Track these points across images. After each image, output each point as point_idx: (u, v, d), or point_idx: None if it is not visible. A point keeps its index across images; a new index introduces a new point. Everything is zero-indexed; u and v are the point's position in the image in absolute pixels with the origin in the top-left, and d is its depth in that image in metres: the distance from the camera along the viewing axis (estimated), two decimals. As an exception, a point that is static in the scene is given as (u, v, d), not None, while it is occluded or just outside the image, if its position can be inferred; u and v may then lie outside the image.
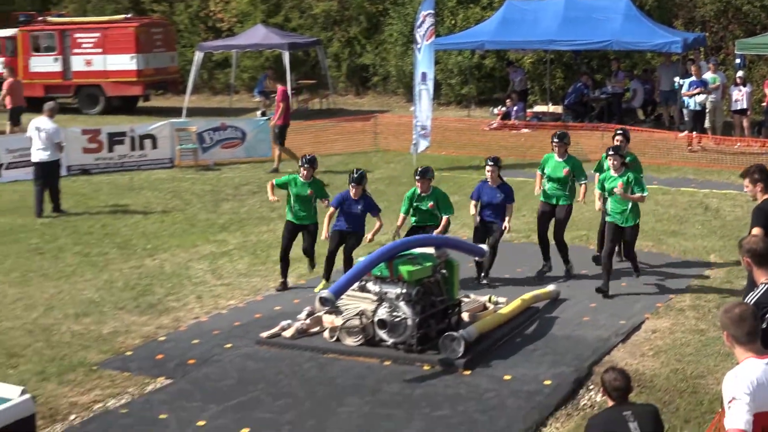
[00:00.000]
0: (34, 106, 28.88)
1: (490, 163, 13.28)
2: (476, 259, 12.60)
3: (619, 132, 13.90)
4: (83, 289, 13.30)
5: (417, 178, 12.88)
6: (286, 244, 13.09)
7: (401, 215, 13.09)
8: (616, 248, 13.44)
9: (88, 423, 9.04)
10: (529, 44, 28.61)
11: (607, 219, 12.80)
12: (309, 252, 13.21)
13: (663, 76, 27.51)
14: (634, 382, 7.55)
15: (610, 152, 12.74)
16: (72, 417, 9.17)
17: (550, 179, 13.40)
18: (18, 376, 9.99)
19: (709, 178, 20.52)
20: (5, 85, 26.60)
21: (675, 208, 17.60)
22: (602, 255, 12.88)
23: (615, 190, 12.40)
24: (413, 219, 13.12)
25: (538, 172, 13.75)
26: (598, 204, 13.16)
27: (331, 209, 12.88)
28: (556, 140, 13.37)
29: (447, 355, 10.22)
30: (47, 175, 18.11)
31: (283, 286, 13.06)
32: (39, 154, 18.11)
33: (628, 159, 13.22)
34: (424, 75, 22.14)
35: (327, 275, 12.85)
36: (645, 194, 12.67)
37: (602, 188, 12.83)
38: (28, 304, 12.62)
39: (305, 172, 13.09)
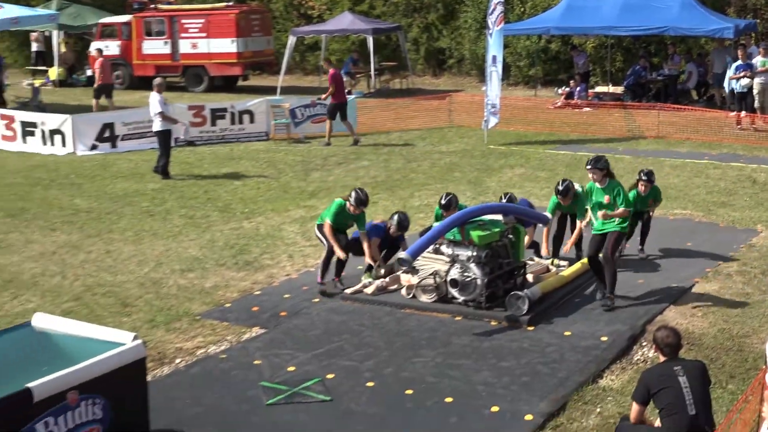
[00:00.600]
0: (147, 84, 29.31)
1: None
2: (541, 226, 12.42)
3: (643, 178, 12.05)
4: (188, 247, 13.48)
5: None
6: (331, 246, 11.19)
7: None
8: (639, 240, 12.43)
9: (192, 366, 9.19)
10: (592, 30, 28.21)
11: (592, 231, 10.88)
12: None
13: (716, 59, 26.90)
14: (684, 340, 7.46)
15: (588, 166, 10.57)
16: (178, 360, 9.34)
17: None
18: (131, 323, 10.22)
19: (758, 154, 20.04)
20: (97, 64, 26.90)
21: (725, 181, 17.23)
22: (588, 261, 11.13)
23: (599, 214, 10.55)
24: None
25: (546, 229, 12.15)
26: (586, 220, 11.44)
27: (377, 240, 11.45)
28: (560, 196, 11.73)
29: (512, 312, 10.18)
30: (159, 142, 18.52)
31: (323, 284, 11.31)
32: (153, 124, 18.52)
33: (654, 194, 12.30)
34: (494, 58, 21.90)
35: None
36: (628, 209, 10.57)
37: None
38: (140, 260, 12.84)
39: (356, 210, 11.13)
